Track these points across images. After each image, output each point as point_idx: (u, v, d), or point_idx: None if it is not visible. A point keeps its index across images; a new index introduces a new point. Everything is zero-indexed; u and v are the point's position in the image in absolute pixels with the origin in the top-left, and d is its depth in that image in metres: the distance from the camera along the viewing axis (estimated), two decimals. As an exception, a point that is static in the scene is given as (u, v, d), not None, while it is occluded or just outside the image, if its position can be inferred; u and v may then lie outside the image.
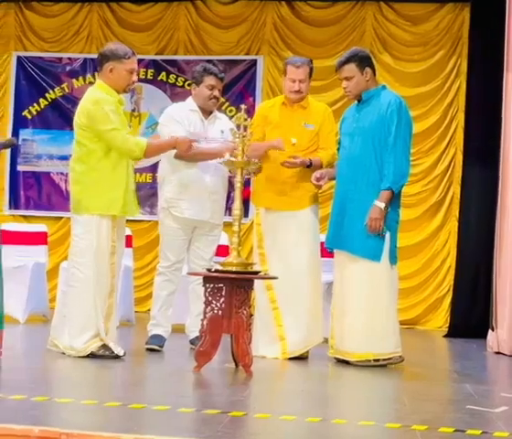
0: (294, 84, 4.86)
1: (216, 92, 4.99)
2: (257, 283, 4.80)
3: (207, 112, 5.04)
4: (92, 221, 4.43)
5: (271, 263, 4.84)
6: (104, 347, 4.44)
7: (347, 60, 4.67)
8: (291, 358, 4.75)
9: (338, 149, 4.85)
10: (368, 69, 4.68)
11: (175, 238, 4.96)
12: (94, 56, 7.83)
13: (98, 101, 4.45)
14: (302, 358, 4.79)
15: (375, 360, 4.54)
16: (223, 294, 4.17)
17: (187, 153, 4.58)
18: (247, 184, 5.53)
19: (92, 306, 4.41)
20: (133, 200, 4.58)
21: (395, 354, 4.62)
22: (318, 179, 4.73)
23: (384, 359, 4.57)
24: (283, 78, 5.00)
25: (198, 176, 4.90)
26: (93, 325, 4.42)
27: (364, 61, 4.71)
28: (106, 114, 4.39)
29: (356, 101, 4.79)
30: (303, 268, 4.80)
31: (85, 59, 7.94)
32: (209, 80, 4.97)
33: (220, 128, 5.00)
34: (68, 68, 7.98)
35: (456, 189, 7.19)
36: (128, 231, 6.28)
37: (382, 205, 4.56)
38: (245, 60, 7.74)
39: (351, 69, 4.65)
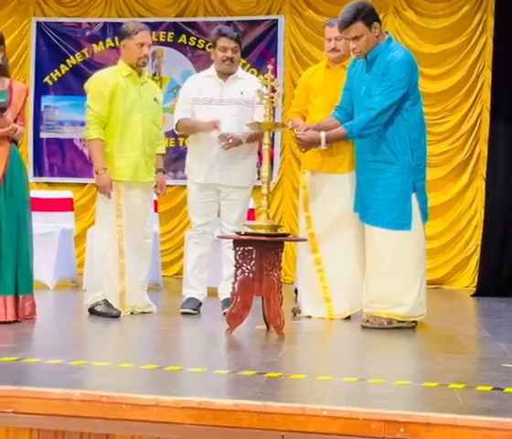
0: (330, 43, 4.83)
1: (229, 53, 4.93)
2: (302, 245, 4.85)
3: (226, 75, 4.99)
4: None
5: (316, 226, 4.82)
6: (106, 304, 4.67)
7: (353, 18, 4.39)
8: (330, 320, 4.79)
9: (342, 107, 4.65)
10: (376, 24, 4.43)
11: (196, 201, 5.01)
12: (114, 20, 7.81)
13: (96, 78, 4.83)
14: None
15: (388, 322, 4.44)
16: (253, 256, 4.16)
17: (104, 188, 4.69)
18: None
19: (102, 266, 4.71)
20: (144, 167, 4.79)
21: (415, 317, 4.52)
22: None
23: (399, 322, 4.46)
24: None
25: (208, 138, 4.90)
26: (100, 284, 4.70)
27: (370, 16, 4.43)
28: (93, 91, 4.74)
29: None
30: (348, 231, 4.74)
31: (105, 24, 7.88)
32: (221, 42, 4.94)
33: (240, 89, 4.96)
34: (87, 32, 7.93)
35: (483, 147, 7.09)
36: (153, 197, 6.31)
37: (324, 141, 4.46)
38: (266, 20, 7.64)
39: (359, 27, 4.39)
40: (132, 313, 4.79)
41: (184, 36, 7.78)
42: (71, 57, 7.90)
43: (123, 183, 4.75)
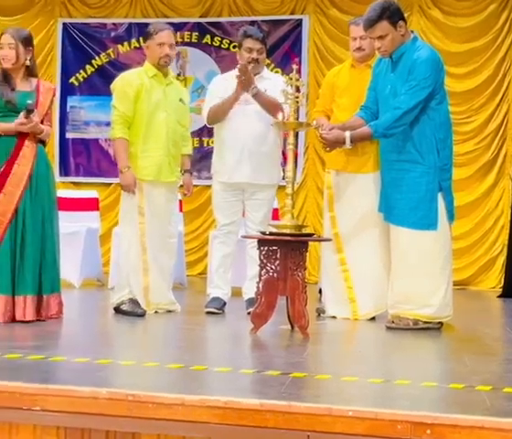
0: (355, 42, 4.81)
1: (254, 54, 4.92)
2: (326, 245, 4.84)
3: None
4: None
5: (341, 226, 4.81)
6: (132, 303, 4.71)
7: (379, 17, 4.34)
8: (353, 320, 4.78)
9: (367, 107, 4.63)
10: (401, 23, 4.39)
11: (221, 201, 5.01)
12: (139, 20, 7.86)
13: (122, 78, 4.88)
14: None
15: (414, 323, 4.42)
16: (278, 256, 4.16)
17: (128, 187, 4.72)
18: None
19: (126, 264, 4.77)
20: (167, 167, 4.80)
21: (441, 318, 4.49)
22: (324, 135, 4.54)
23: (425, 322, 4.44)
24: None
25: (233, 137, 4.89)
26: (126, 282, 4.75)
27: (396, 15, 4.39)
28: (118, 91, 4.80)
29: None
30: (373, 231, 4.72)
31: (130, 24, 7.93)
32: (247, 43, 4.94)
33: (265, 89, 4.95)
34: (113, 33, 7.99)
35: (510, 147, 7.03)
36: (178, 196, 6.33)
37: (348, 141, 4.44)
38: (290, 20, 7.63)
39: (384, 26, 4.35)
40: (156, 312, 4.82)
41: (208, 36, 7.81)
42: (97, 57, 7.97)
43: (147, 182, 4.78)
